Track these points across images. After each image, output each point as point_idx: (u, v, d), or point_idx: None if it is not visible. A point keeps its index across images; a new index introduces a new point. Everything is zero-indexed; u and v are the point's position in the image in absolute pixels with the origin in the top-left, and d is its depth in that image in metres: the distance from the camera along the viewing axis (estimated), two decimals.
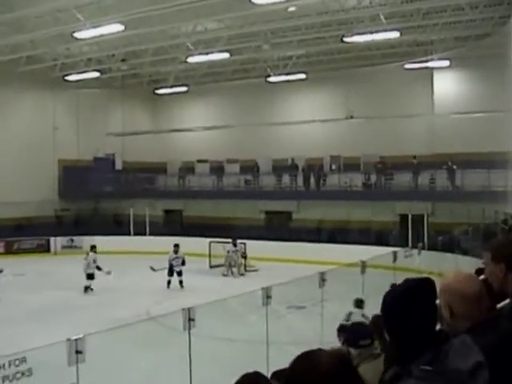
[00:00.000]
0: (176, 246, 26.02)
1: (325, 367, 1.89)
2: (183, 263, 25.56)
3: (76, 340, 8.19)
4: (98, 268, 24.58)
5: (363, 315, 16.68)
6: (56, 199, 38.49)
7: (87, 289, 24.47)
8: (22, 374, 8.05)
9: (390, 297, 2.83)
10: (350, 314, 16.35)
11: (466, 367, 2.54)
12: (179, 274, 25.48)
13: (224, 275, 28.65)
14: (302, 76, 36.26)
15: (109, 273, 24.29)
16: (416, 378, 2.52)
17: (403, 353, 2.67)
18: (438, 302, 3.17)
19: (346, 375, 1.90)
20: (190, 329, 9.58)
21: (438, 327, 2.90)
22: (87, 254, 25.49)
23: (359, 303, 17.04)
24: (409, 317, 2.70)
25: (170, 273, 25.48)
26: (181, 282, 25.37)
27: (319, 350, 2.04)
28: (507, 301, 3.86)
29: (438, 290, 3.37)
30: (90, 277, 24.59)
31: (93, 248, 25.63)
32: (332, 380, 1.87)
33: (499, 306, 3.72)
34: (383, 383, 2.71)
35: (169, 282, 25.32)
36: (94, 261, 24.81)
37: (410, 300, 2.75)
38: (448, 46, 30.56)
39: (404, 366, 2.60)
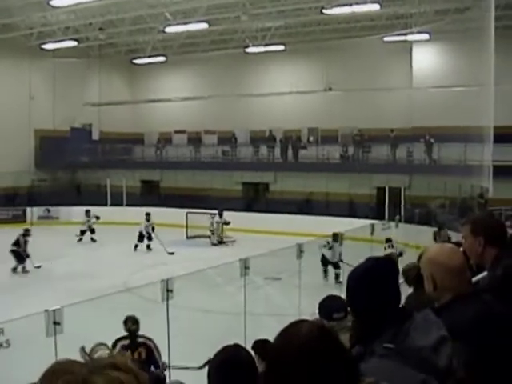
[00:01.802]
0: (148, 214, 27.77)
1: (304, 335, 1.90)
2: (153, 229, 27.27)
3: (54, 311, 8.16)
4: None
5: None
6: (32, 169, 38.18)
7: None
8: (0, 345, 8.03)
9: (353, 276, 2.85)
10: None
11: (429, 343, 2.56)
12: (150, 238, 27.22)
13: (214, 244, 29.07)
14: (281, 47, 36.12)
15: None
16: (379, 357, 2.53)
17: (366, 331, 2.69)
18: (400, 281, 3.18)
19: (327, 343, 1.92)
20: (168, 300, 9.59)
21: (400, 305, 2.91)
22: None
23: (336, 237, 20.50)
24: (371, 296, 2.71)
25: (141, 239, 27.16)
26: (148, 246, 27.21)
27: (300, 320, 2.05)
28: (484, 274, 3.91)
29: (421, 261, 3.40)
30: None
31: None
32: (314, 348, 1.88)
33: (476, 278, 3.77)
34: None
35: (136, 246, 27.04)
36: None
37: (371, 279, 2.76)
38: (428, 19, 30.50)
39: (367, 345, 2.61)
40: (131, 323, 9.69)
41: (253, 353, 4.09)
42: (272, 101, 37.26)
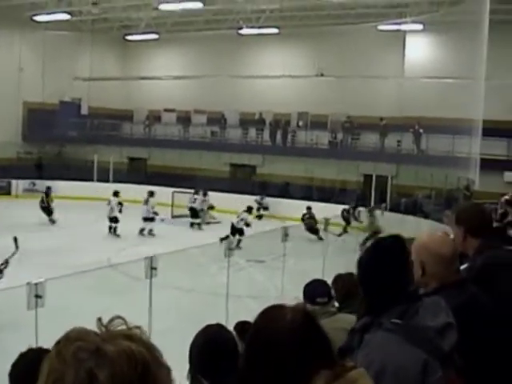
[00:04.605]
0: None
1: (289, 321, 1.91)
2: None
3: (36, 284, 8.15)
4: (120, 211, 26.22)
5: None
6: (19, 142, 37.95)
7: (114, 230, 25.87)
8: None
9: (363, 257, 2.90)
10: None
11: (436, 325, 2.61)
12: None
13: (207, 223, 29.08)
14: (275, 31, 36.01)
15: None
16: (385, 330, 2.58)
17: (374, 306, 2.73)
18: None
19: (309, 329, 1.93)
20: (151, 277, 9.60)
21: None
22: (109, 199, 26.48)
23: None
24: (380, 276, 2.76)
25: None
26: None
27: (283, 305, 2.05)
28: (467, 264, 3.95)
29: (412, 246, 3.43)
30: (114, 220, 25.85)
31: (116, 193, 26.69)
32: (296, 333, 1.89)
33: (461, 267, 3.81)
34: (353, 332, 2.77)
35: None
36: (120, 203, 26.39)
37: (380, 259, 2.81)
38: (422, 9, 30.50)
39: (375, 318, 2.66)
40: None
41: (234, 333, 4.11)
42: (263, 84, 37.22)
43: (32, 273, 11.91)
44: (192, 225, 28.33)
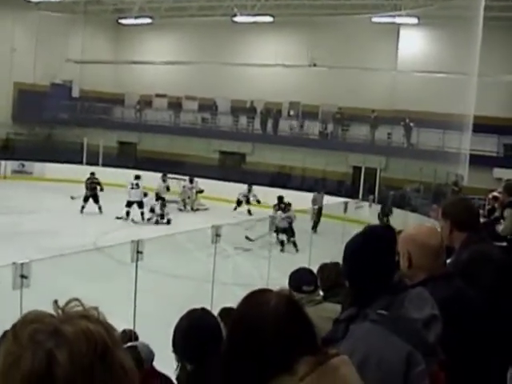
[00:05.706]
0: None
1: (272, 307, 1.91)
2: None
3: (22, 264, 8.12)
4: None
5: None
6: (9, 122, 37.73)
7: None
8: None
9: (351, 244, 2.87)
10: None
11: (422, 317, 2.61)
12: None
13: (180, 210, 28.87)
14: (269, 19, 35.86)
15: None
16: (371, 321, 2.57)
17: (360, 297, 2.73)
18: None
19: (293, 315, 1.92)
20: (137, 261, 9.56)
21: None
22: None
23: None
24: (367, 263, 2.74)
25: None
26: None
27: (267, 289, 2.05)
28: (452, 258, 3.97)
29: (399, 238, 3.44)
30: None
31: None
32: (279, 320, 1.89)
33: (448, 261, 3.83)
34: (338, 322, 2.77)
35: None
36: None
37: (369, 247, 2.79)
38: (417, 3, 30.48)
39: (360, 309, 2.66)
40: None
41: (219, 319, 4.11)
42: (255, 72, 37.11)
43: (18, 253, 11.89)
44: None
